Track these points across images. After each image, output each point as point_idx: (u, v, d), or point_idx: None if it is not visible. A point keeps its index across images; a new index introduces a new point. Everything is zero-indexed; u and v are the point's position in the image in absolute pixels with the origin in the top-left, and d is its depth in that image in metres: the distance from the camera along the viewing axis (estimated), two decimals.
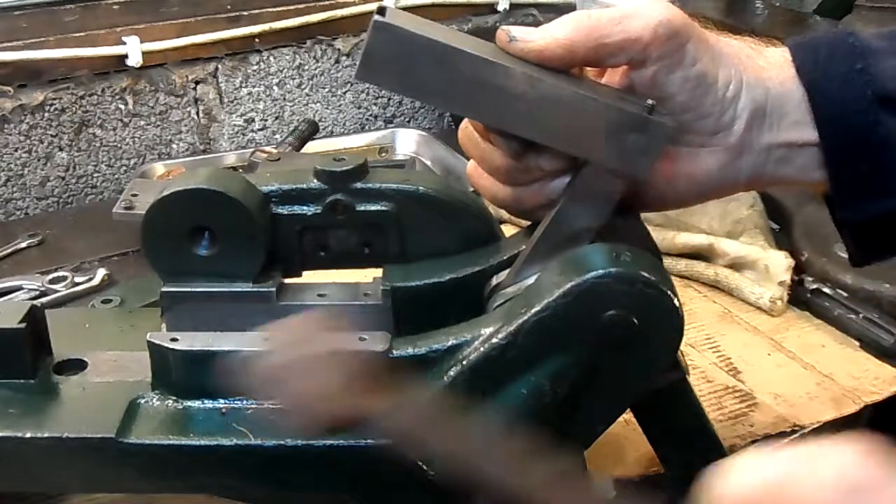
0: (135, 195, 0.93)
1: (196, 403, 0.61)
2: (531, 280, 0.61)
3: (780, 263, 1.00)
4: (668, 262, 1.03)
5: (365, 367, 0.56)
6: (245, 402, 0.61)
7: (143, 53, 1.32)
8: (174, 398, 0.61)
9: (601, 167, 0.59)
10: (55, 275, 1.05)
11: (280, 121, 1.48)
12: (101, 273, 1.06)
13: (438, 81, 0.55)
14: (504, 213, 0.67)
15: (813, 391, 0.87)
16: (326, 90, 1.50)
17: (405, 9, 1.42)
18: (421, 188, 0.66)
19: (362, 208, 0.65)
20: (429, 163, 1.40)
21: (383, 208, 0.65)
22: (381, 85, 0.58)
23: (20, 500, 0.73)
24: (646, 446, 0.66)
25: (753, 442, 0.81)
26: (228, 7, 1.42)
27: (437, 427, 0.55)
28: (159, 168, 1.34)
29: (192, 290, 0.63)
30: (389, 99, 1.56)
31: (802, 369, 0.91)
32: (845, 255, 0.77)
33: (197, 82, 1.40)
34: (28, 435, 0.59)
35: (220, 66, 1.40)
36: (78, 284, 1.04)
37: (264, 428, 0.59)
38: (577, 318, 0.56)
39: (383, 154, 1.44)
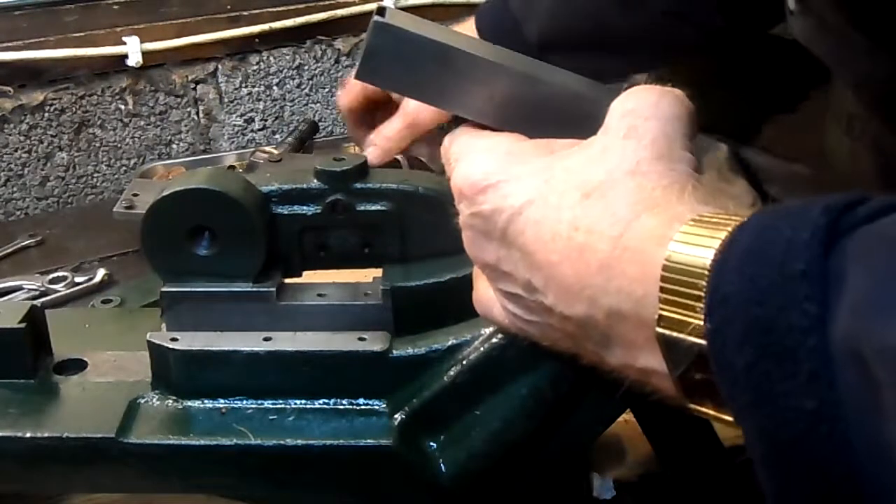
0: (135, 195, 0.93)
1: (196, 403, 0.61)
2: None
3: None
4: None
5: None
6: (245, 401, 0.61)
7: (143, 53, 1.32)
8: (174, 398, 0.61)
9: None
10: (55, 275, 1.05)
11: (280, 121, 1.48)
12: (101, 273, 1.06)
13: (438, 81, 0.55)
14: None
15: None
16: (326, 90, 1.50)
17: (405, 9, 1.42)
18: (421, 188, 0.66)
19: (362, 208, 0.65)
20: None
21: (383, 208, 0.65)
22: (380, 85, 0.58)
23: (20, 500, 0.73)
24: (646, 446, 0.66)
25: None
26: (228, 7, 1.42)
27: None
28: (159, 168, 1.34)
29: (192, 290, 0.63)
30: None
31: None
32: None
33: (197, 82, 1.40)
34: (28, 435, 0.59)
35: (219, 66, 1.40)
36: (78, 284, 1.04)
37: (264, 428, 0.59)
38: None
39: None
